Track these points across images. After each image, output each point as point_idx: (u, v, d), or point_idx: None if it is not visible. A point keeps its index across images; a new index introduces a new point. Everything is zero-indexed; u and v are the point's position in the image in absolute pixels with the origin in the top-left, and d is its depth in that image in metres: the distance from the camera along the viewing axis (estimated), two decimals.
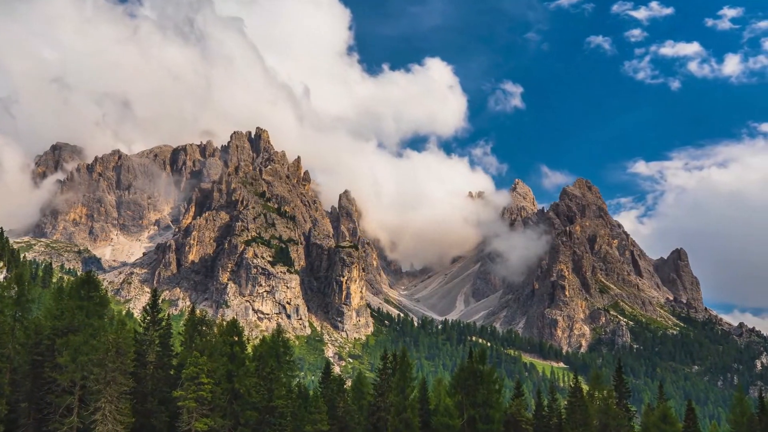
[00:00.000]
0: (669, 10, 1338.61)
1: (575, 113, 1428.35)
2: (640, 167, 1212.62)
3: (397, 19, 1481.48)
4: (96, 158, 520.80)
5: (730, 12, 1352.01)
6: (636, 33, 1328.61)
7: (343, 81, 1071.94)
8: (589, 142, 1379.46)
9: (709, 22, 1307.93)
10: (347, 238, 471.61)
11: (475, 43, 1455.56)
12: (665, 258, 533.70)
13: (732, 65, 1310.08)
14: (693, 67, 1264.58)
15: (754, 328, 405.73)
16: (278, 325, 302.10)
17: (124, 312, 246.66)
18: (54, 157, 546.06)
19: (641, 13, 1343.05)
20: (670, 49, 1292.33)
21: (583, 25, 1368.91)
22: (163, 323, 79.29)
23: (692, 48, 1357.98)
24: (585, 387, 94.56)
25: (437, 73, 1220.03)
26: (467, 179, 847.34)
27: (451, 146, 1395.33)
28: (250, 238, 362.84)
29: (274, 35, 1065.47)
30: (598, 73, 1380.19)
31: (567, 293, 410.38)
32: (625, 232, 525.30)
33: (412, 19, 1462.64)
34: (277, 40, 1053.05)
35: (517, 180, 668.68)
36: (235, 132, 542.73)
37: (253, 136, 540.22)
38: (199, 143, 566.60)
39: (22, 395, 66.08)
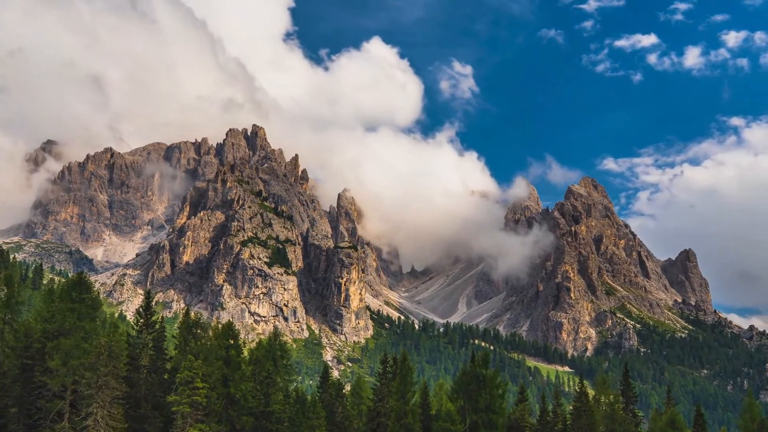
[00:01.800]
0: (620, 2, 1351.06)
1: (539, 110, 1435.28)
2: (609, 164, 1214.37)
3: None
4: (88, 156, 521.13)
5: (682, 6, 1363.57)
6: (587, 25, 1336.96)
7: (289, 67, 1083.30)
8: (555, 140, 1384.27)
9: (662, 16, 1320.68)
10: (346, 239, 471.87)
11: (421, 25, 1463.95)
12: (673, 259, 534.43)
13: (693, 58, 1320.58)
14: (653, 59, 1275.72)
15: (764, 331, 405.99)
16: (275, 328, 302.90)
17: (116, 314, 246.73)
18: (44, 155, 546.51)
19: (590, 6, 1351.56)
20: (626, 42, 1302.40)
21: (533, 17, 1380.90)
22: (157, 326, 79.17)
23: (649, 40, 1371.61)
24: (591, 392, 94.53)
25: (383, 55, 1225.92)
26: (457, 168, 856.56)
27: (413, 131, 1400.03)
28: (246, 238, 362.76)
29: (213, 14, 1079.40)
30: (557, 67, 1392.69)
31: (572, 295, 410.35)
32: (632, 233, 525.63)
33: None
34: (216, 18, 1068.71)
35: (520, 179, 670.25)
36: (230, 129, 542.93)
37: (249, 134, 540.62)
38: (193, 141, 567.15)
39: (11, 400, 66.02)
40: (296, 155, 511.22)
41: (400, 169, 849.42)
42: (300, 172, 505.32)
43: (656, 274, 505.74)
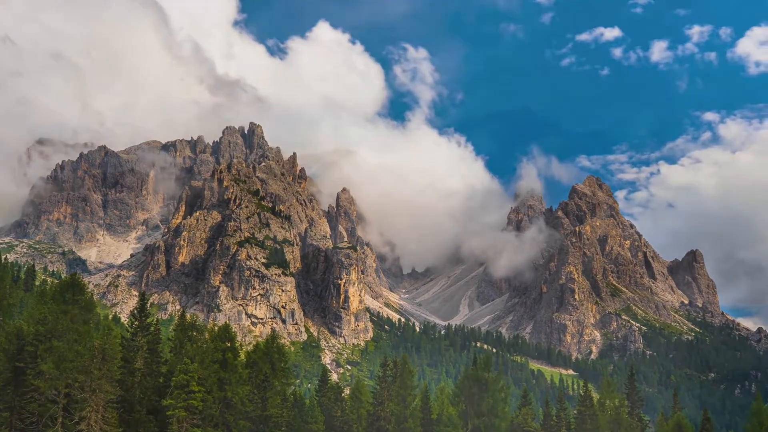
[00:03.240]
0: None
1: (508, 107, 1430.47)
2: (583, 161, 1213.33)
3: None
4: (81, 155, 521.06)
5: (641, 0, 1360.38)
6: (546, 19, 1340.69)
7: (245, 55, 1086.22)
8: (529, 137, 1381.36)
9: (622, 10, 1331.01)
10: (345, 239, 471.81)
11: (375, 10, 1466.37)
12: (680, 260, 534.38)
13: (659, 52, 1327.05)
14: (618, 53, 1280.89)
15: None
16: (273, 330, 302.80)
17: (110, 316, 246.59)
18: (36, 153, 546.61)
19: None
20: (588, 36, 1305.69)
21: (492, 11, 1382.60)
22: (152, 328, 79.25)
23: (613, 33, 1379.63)
24: (595, 395, 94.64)
25: (335, 39, 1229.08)
26: (449, 157, 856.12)
27: (385, 116, 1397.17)
28: (243, 238, 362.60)
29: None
30: (521, 61, 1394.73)
31: (576, 297, 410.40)
32: (637, 233, 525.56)
33: None
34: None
35: (523, 177, 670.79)
36: (227, 127, 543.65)
37: (246, 132, 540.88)
38: (189, 139, 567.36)
39: (3, 404, 66.06)
40: (294, 153, 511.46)
41: (392, 162, 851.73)
42: (298, 171, 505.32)
43: (662, 275, 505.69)
